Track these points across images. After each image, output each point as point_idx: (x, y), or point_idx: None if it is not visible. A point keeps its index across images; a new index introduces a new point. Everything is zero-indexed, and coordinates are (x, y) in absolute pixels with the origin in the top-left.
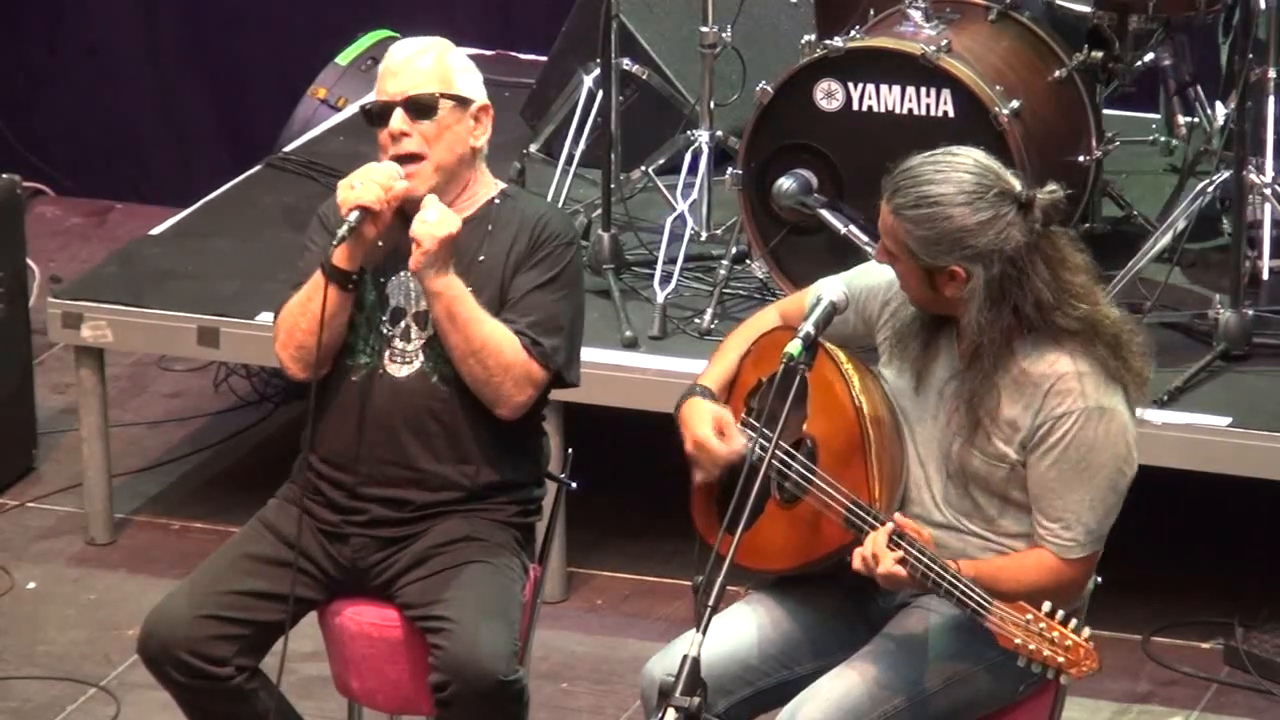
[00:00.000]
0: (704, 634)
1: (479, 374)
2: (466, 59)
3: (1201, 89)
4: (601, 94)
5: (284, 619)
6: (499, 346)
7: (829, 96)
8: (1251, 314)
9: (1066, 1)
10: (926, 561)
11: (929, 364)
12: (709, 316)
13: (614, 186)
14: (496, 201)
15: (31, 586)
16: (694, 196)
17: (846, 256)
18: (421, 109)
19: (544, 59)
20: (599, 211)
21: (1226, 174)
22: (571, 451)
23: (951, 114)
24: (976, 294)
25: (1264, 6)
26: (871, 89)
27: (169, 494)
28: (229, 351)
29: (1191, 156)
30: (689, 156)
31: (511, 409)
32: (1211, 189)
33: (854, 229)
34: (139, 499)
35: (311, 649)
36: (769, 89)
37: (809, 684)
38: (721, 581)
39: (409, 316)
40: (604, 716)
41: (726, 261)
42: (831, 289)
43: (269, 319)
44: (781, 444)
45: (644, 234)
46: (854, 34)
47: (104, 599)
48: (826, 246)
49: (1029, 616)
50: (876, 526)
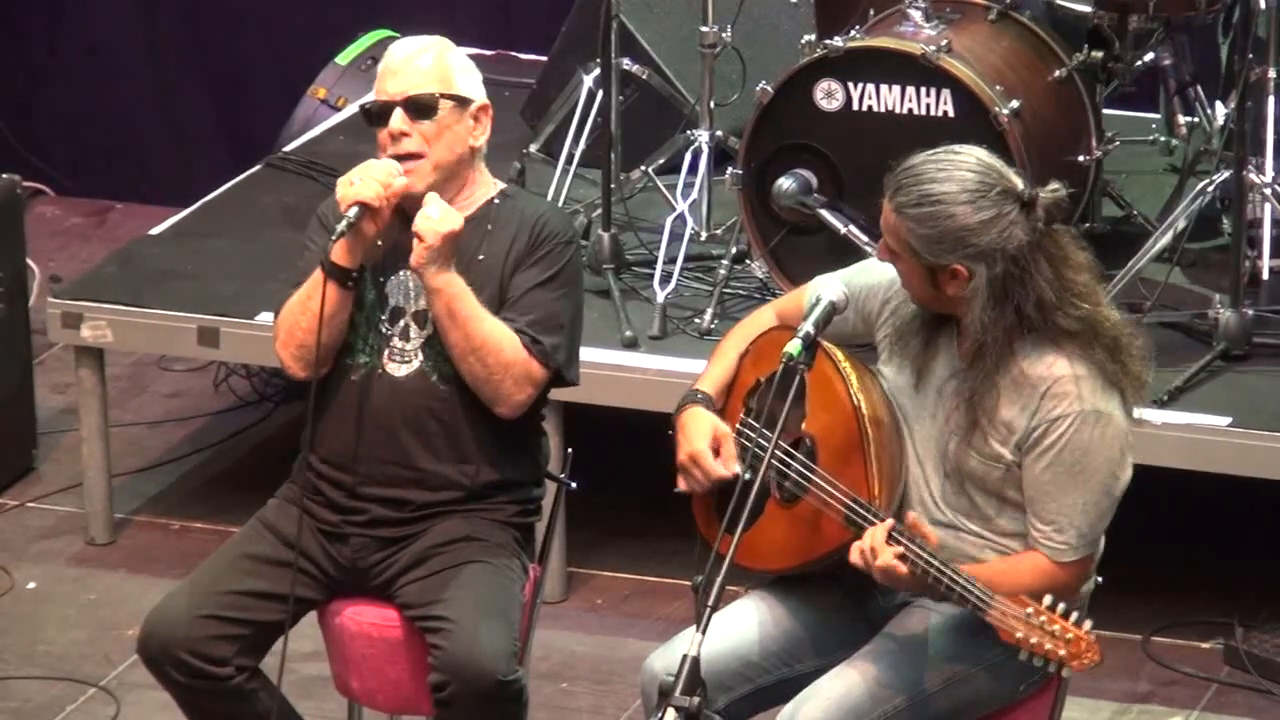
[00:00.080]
0: (704, 634)
1: (479, 372)
2: (466, 58)
3: (1201, 89)
4: (601, 94)
5: (284, 619)
6: (499, 344)
7: (829, 96)
8: (1251, 314)
9: (1067, 1)
10: (926, 557)
11: (929, 362)
12: (709, 316)
13: (614, 186)
14: (496, 201)
15: (31, 586)
16: (694, 196)
17: (846, 256)
18: (421, 109)
19: (544, 59)
20: (599, 211)
21: (1226, 174)
22: (571, 451)
23: (951, 114)
24: (979, 293)
25: (1264, 6)
26: (871, 89)
27: (169, 494)
28: (229, 351)
29: (1191, 156)
30: (689, 156)
31: (511, 407)
32: (1211, 189)
33: (854, 229)
34: (139, 499)
35: (311, 649)
36: (769, 89)
37: (809, 682)
38: (721, 581)
39: (408, 316)
40: (604, 716)
41: (726, 261)
42: (831, 288)
43: (269, 319)
44: (781, 443)
45: (644, 234)
46: (854, 34)
47: (104, 599)
48: (826, 246)
49: (1029, 610)
50: (876, 524)
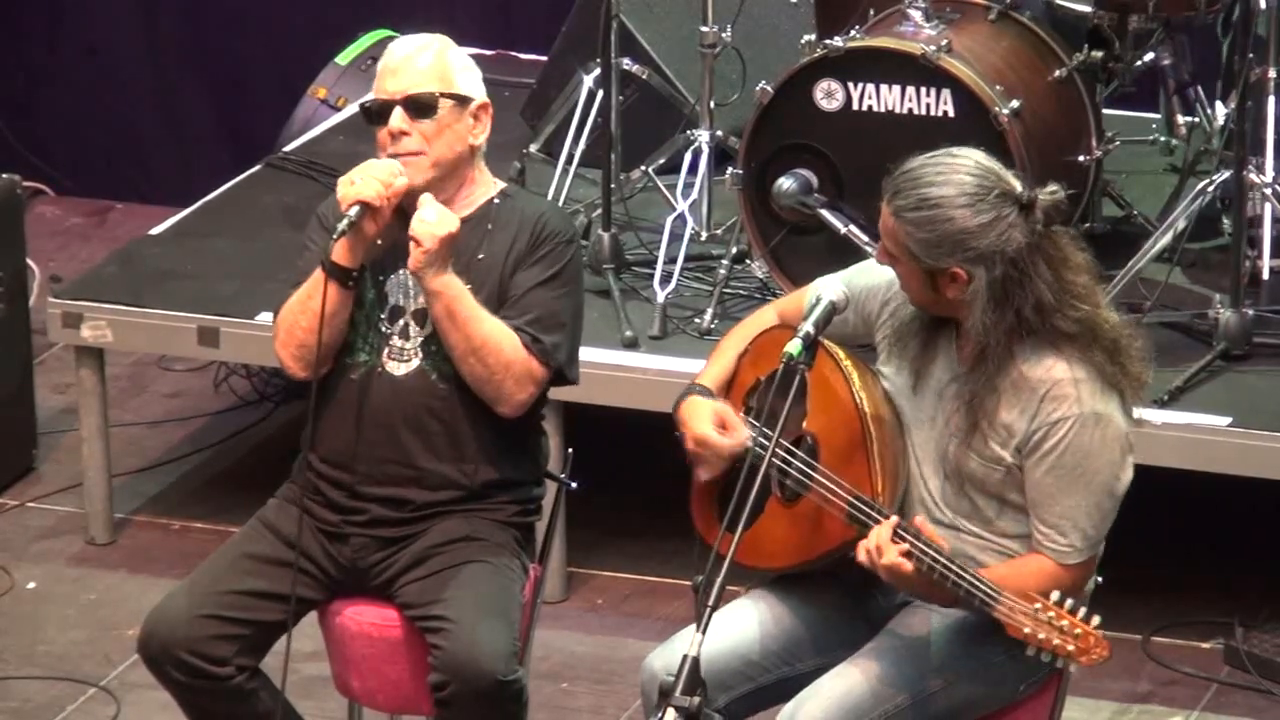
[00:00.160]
0: (704, 633)
1: (480, 372)
2: (466, 57)
3: (1201, 89)
4: (601, 94)
5: (284, 618)
6: (499, 344)
7: (829, 96)
8: (1251, 314)
9: (1067, 1)
10: (932, 554)
11: (928, 364)
12: (709, 316)
13: (614, 186)
14: (496, 201)
15: (31, 586)
16: (694, 196)
17: (846, 256)
18: (421, 108)
19: (544, 59)
20: (599, 211)
21: (1226, 174)
22: (571, 451)
23: (951, 114)
24: (979, 296)
25: (1264, 5)
26: (871, 89)
27: (169, 494)
28: (229, 351)
29: (1191, 156)
30: (689, 156)
31: (513, 407)
32: (1211, 189)
33: (854, 229)
34: (139, 499)
35: (311, 649)
36: (769, 89)
37: (810, 681)
38: (721, 581)
39: (407, 315)
40: (604, 716)
41: (726, 261)
42: (831, 288)
43: (269, 319)
44: (782, 442)
45: (644, 234)
46: (854, 34)
47: (104, 599)
48: (826, 246)
49: (1037, 605)
50: (880, 521)
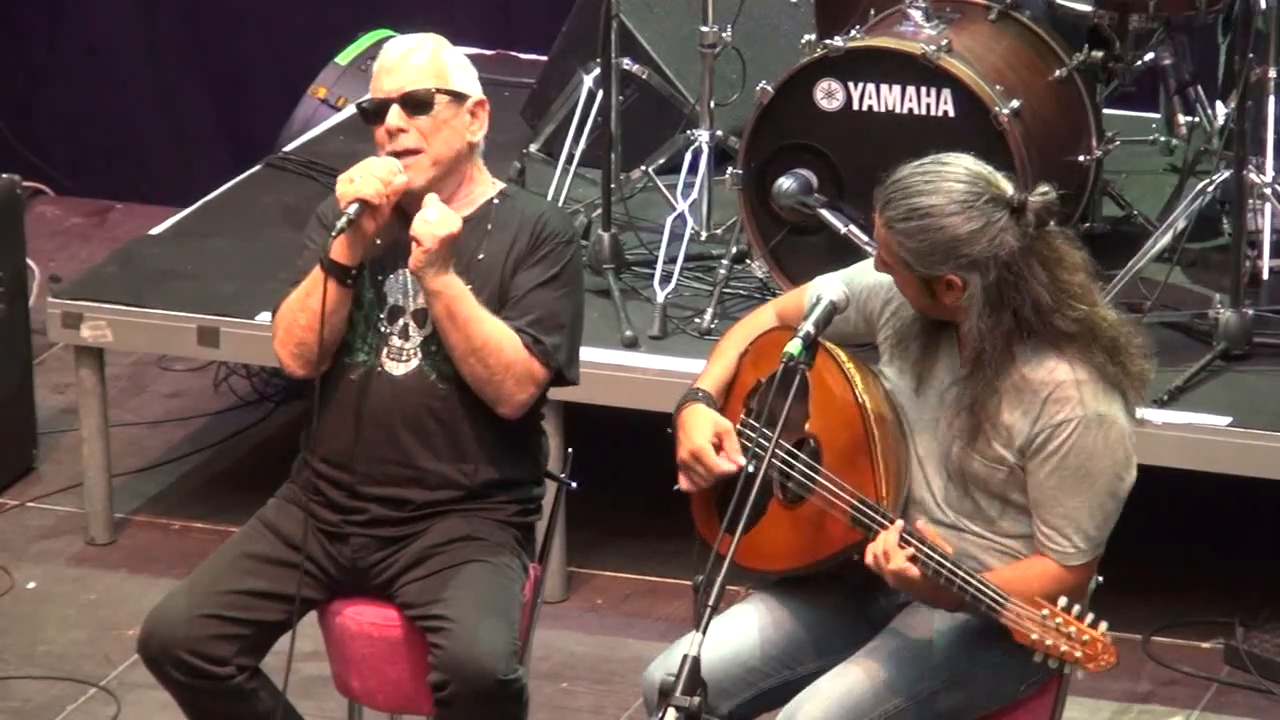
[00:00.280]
0: (704, 633)
1: (480, 373)
2: (461, 55)
3: (1202, 89)
4: (601, 94)
5: (284, 618)
6: (499, 345)
7: (829, 96)
8: (1252, 313)
9: (1067, 1)
10: (938, 558)
11: (930, 367)
12: (709, 316)
13: (614, 186)
14: (495, 201)
15: (31, 586)
16: (694, 196)
17: (847, 256)
18: (418, 105)
19: (544, 59)
20: (599, 211)
21: (1227, 174)
22: (571, 451)
23: (952, 114)
24: (975, 301)
25: (1264, 5)
26: (872, 89)
27: (169, 494)
28: (229, 351)
29: (1191, 156)
30: (689, 156)
31: (513, 407)
32: (1211, 189)
33: (854, 229)
34: (139, 499)
35: (311, 649)
36: (769, 89)
37: (811, 683)
38: (722, 581)
39: (407, 315)
40: (604, 716)
41: (726, 261)
42: (831, 288)
43: (269, 319)
44: (784, 444)
45: (644, 234)
46: (854, 34)
47: (104, 599)
48: (827, 246)
49: (1045, 612)
50: (884, 524)
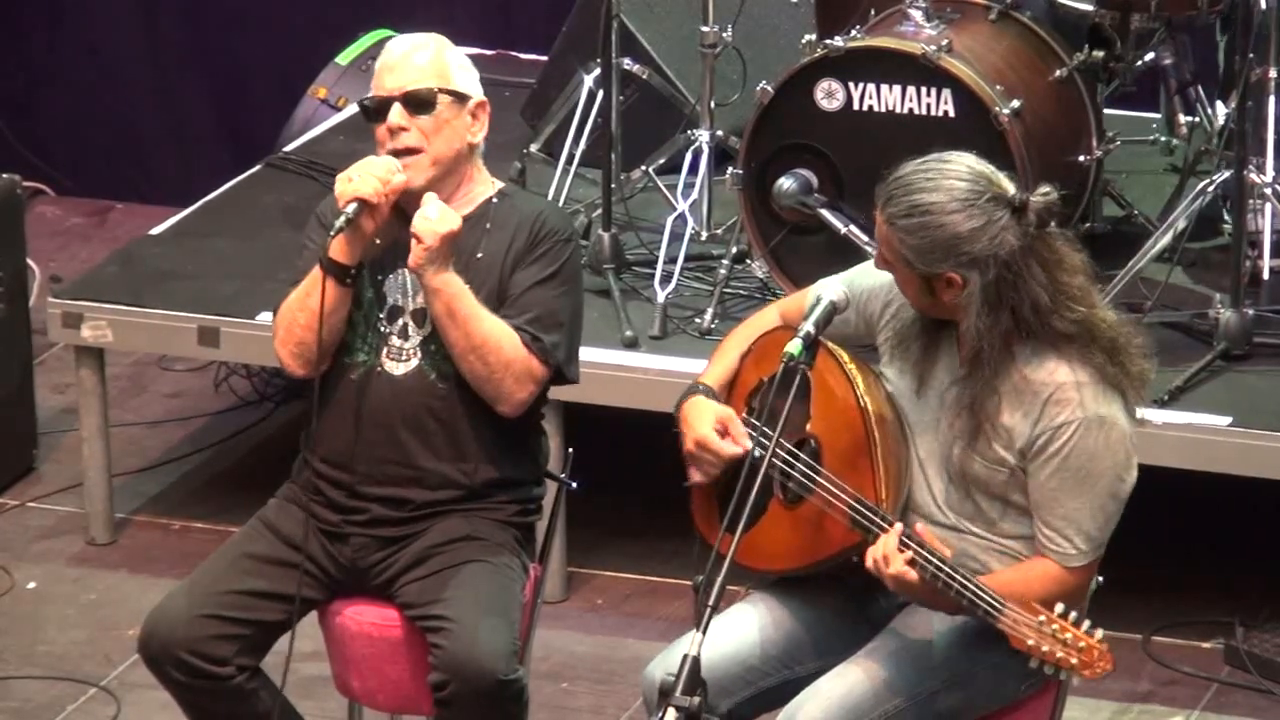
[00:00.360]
0: (704, 633)
1: (480, 371)
2: (463, 56)
3: (1202, 89)
4: (602, 94)
5: (284, 618)
6: (499, 343)
7: (829, 96)
8: (1252, 313)
9: (1068, 1)
10: (936, 562)
11: (930, 367)
12: (709, 316)
13: (614, 186)
14: (494, 200)
15: (31, 586)
16: (694, 196)
17: (847, 256)
18: (420, 104)
19: (544, 59)
20: (599, 211)
21: (1227, 174)
22: (571, 451)
23: (952, 114)
24: (974, 299)
25: (1264, 6)
26: (872, 89)
27: (169, 494)
28: (229, 351)
29: (1192, 156)
30: (689, 156)
31: (513, 406)
32: (1212, 189)
33: (854, 229)
34: (139, 499)
35: (311, 649)
36: (769, 89)
37: (811, 683)
38: (722, 581)
39: (406, 314)
40: (604, 716)
41: (727, 261)
42: (832, 289)
43: (269, 319)
44: (785, 444)
45: (644, 234)
46: (854, 34)
47: (104, 599)
48: (827, 246)
49: (1041, 618)
50: (884, 527)
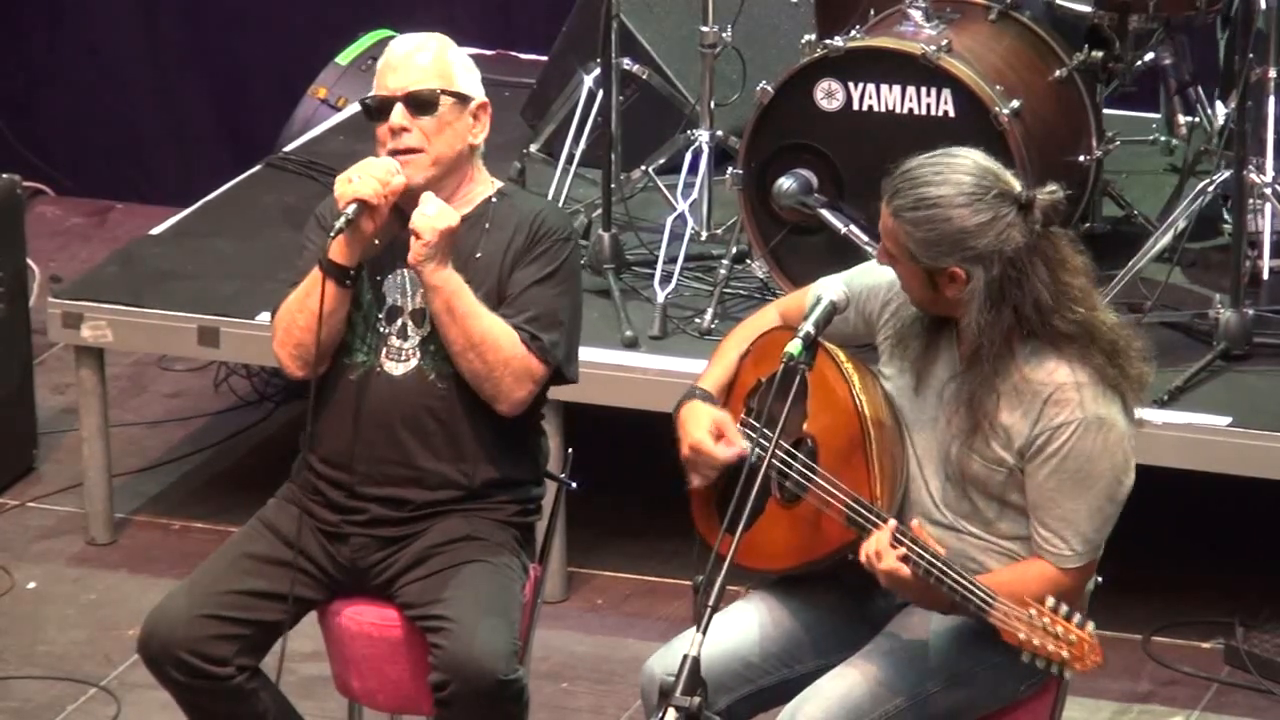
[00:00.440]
0: (704, 634)
1: (478, 369)
2: (465, 56)
3: (1201, 89)
4: (602, 94)
5: (284, 618)
6: (497, 341)
7: (829, 96)
8: (1252, 313)
9: (1067, 1)
10: (929, 558)
11: (929, 365)
12: (709, 316)
13: (614, 186)
14: (494, 200)
15: (31, 586)
16: (694, 196)
17: (847, 256)
18: (422, 104)
19: (544, 59)
20: (599, 211)
21: (1227, 174)
22: (571, 451)
23: (952, 114)
24: (977, 295)
25: (1264, 5)
26: (872, 89)
27: (169, 494)
28: (229, 351)
29: (1192, 156)
30: (689, 156)
31: (511, 405)
32: (1212, 189)
33: (854, 229)
34: (139, 499)
35: (311, 649)
36: (769, 89)
37: (810, 682)
38: (721, 581)
39: (405, 315)
40: (604, 716)
41: (727, 261)
42: (831, 288)
43: (269, 319)
44: (782, 444)
45: (644, 234)
46: (854, 34)
47: (104, 599)
48: (827, 246)
49: (1032, 611)
50: (878, 524)
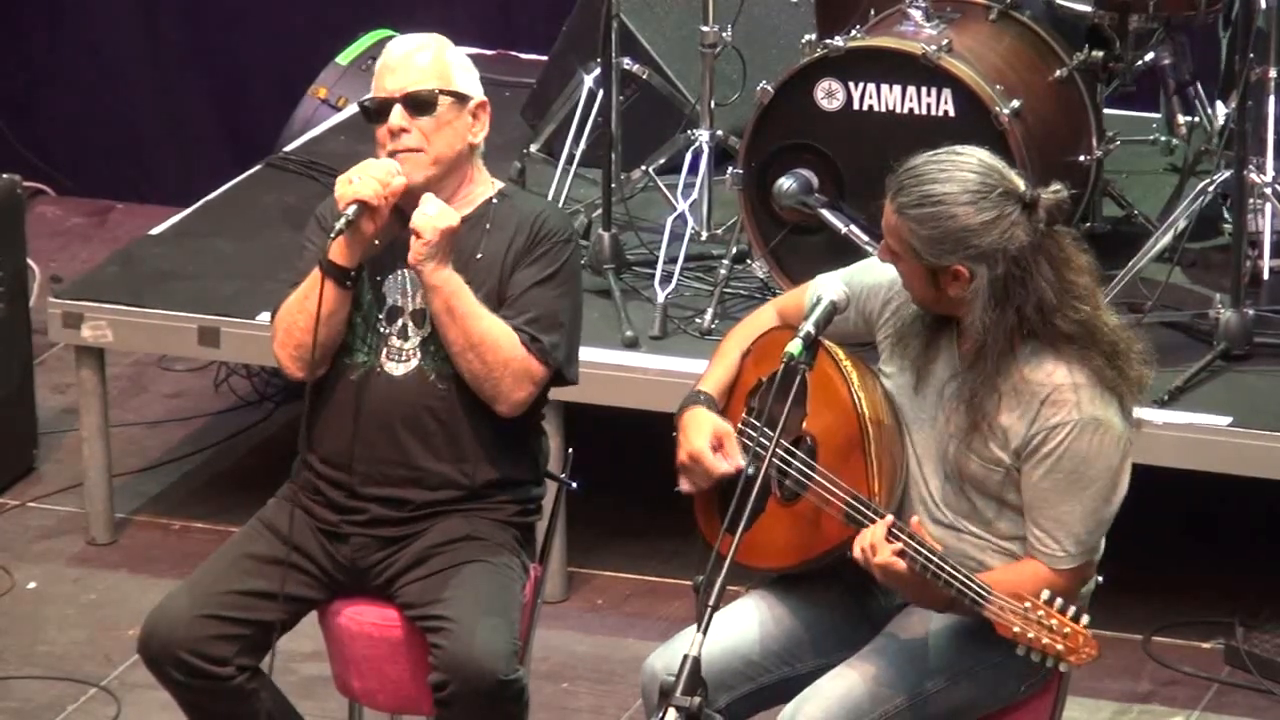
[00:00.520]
0: (704, 633)
1: (478, 369)
2: (464, 56)
3: (1202, 88)
4: (602, 94)
5: (285, 618)
6: (497, 341)
7: (829, 96)
8: (1252, 313)
9: (1067, 1)
10: (925, 553)
11: (929, 364)
12: (709, 316)
13: (614, 186)
14: (494, 200)
15: (32, 586)
16: (694, 196)
17: (847, 256)
18: (421, 105)
19: (544, 59)
20: (599, 211)
21: (1227, 174)
22: (571, 451)
23: (952, 113)
24: (980, 294)
25: (1264, 5)
26: (872, 88)
27: (169, 494)
28: (229, 351)
29: (1192, 156)
30: (689, 156)
31: (511, 405)
32: (1212, 188)
33: (855, 229)
34: (139, 499)
35: (311, 649)
36: (769, 89)
37: (810, 681)
38: (722, 581)
39: (405, 315)
40: (604, 716)
41: (727, 261)
42: (831, 287)
43: (269, 319)
44: (782, 442)
45: (644, 234)
46: (854, 33)
47: (104, 599)
48: (827, 246)
49: (1027, 604)
50: (877, 521)
